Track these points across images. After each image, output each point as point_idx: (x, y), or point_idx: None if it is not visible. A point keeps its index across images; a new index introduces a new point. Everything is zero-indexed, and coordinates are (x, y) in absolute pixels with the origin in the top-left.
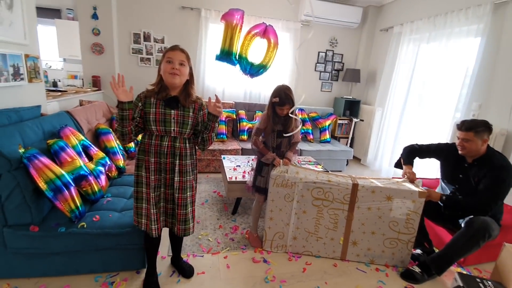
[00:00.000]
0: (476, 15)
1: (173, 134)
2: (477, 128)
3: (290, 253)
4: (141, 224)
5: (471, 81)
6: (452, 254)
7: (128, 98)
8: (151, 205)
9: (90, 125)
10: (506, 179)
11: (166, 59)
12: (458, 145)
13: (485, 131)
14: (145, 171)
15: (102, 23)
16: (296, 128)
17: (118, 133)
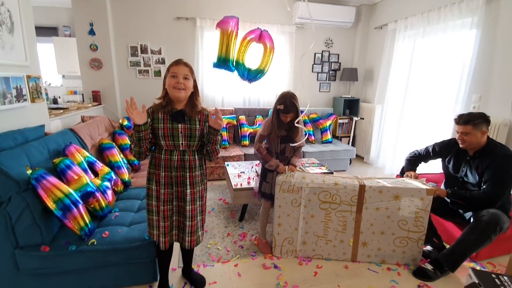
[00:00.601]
0: (469, 8)
1: (182, 148)
2: (475, 120)
3: (300, 257)
4: (153, 236)
5: (469, 74)
6: (464, 249)
7: (143, 120)
8: (161, 218)
9: (94, 141)
10: (510, 168)
11: (171, 73)
12: (458, 139)
13: (483, 123)
14: (156, 184)
15: (99, 38)
16: (302, 136)
17: (134, 153)
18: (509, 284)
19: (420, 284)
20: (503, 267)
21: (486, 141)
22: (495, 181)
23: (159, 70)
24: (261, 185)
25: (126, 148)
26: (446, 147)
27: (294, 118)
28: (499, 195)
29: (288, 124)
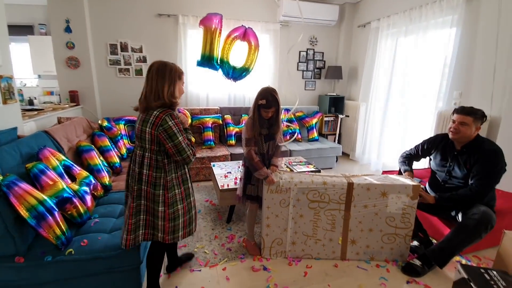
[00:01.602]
0: (450, 6)
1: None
2: (476, 114)
3: (290, 258)
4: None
5: (450, 71)
6: (454, 247)
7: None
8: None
9: (71, 143)
10: (498, 163)
11: (182, 81)
12: (453, 128)
13: (481, 119)
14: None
15: (76, 36)
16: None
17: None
18: (499, 278)
19: (409, 280)
20: (488, 260)
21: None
22: (482, 176)
23: (140, 68)
24: (246, 188)
25: (107, 150)
26: (433, 143)
27: (275, 113)
28: (487, 190)
29: (268, 120)
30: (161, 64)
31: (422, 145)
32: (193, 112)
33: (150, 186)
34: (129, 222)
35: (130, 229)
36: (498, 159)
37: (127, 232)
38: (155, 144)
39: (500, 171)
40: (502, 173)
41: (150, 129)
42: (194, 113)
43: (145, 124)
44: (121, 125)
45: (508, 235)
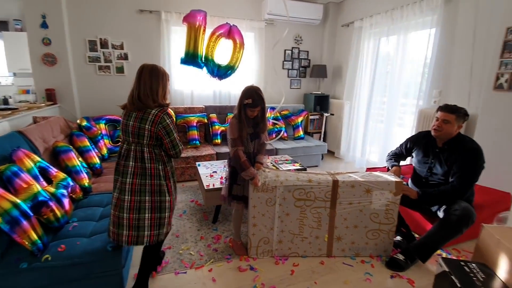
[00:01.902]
0: (429, 7)
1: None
2: (459, 112)
3: (276, 257)
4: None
5: (430, 70)
6: (436, 242)
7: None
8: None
9: (47, 144)
10: (478, 161)
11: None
12: (436, 125)
13: (463, 117)
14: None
15: (53, 32)
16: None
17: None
18: (478, 271)
19: (393, 274)
20: (466, 253)
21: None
22: (463, 174)
23: (121, 66)
24: (232, 188)
25: (86, 150)
26: (415, 140)
27: (261, 111)
28: (467, 187)
29: (254, 119)
30: (154, 67)
31: (406, 144)
32: (177, 111)
33: (154, 179)
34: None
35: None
36: (478, 158)
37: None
38: (153, 139)
39: (479, 169)
40: (481, 170)
41: (150, 126)
42: (179, 111)
43: (144, 122)
44: (101, 124)
45: (486, 229)
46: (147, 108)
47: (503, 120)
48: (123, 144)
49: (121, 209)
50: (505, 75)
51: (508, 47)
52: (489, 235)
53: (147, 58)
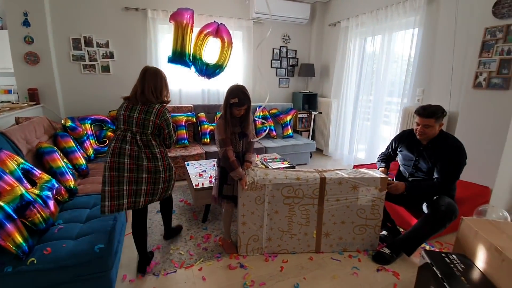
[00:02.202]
0: (412, 8)
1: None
2: (437, 114)
3: (266, 254)
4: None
5: (414, 69)
6: (421, 236)
7: None
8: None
9: (30, 145)
10: (461, 158)
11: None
12: (419, 131)
13: (442, 116)
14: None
15: (35, 30)
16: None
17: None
18: (458, 261)
19: (379, 268)
20: (448, 245)
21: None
22: (447, 170)
23: (107, 65)
24: (222, 188)
25: (71, 151)
26: (400, 139)
27: (247, 110)
28: (451, 183)
29: (240, 118)
30: (158, 70)
31: (392, 144)
32: None
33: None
34: (148, 188)
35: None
36: (461, 155)
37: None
38: (156, 129)
39: (462, 166)
40: (463, 166)
41: (154, 118)
42: None
43: (149, 114)
44: (87, 124)
45: (465, 221)
46: (151, 103)
47: (481, 117)
48: (123, 132)
49: (138, 183)
50: (484, 73)
51: (486, 47)
52: (468, 227)
53: (134, 56)
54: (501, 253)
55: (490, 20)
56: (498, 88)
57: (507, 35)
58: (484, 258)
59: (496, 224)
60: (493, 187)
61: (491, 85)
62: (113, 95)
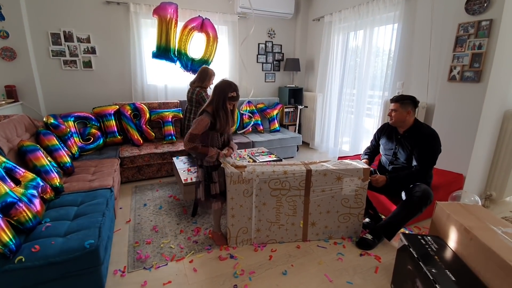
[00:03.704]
0: (392, 3)
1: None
2: (403, 100)
3: (255, 244)
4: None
5: (394, 63)
6: (399, 221)
7: None
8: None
9: (11, 144)
10: (435, 145)
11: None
12: (388, 115)
13: (410, 104)
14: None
15: (10, 23)
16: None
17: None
18: (432, 242)
19: (362, 253)
20: (426, 229)
21: (413, 122)
22: (423, 159)
23: (89, 60)
24: (209, 189)
25: (55, 149)
26: (381, 131)
27: (234, 105)
28: (427, 170)
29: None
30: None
31: (375, 137)
32: (152, 106)
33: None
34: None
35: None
36: (435, 142)
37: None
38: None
39: (437, 152)
40: (439, 153)
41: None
42: (153, 107)
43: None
44: (70, 122)
45: (439, 205)
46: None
47: (455, 108)
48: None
49: None
50: (457, 67)
51: (459, 41)
52: (441, 210)
53: (117, 52)
54: (469, 232)
55: (463, 16)
56: (470, 81)
57: (478, 31)
58: (455, 238)
59: (466, 207)
60: (466, 174)
61: (464, 78)
62: (97, 92)
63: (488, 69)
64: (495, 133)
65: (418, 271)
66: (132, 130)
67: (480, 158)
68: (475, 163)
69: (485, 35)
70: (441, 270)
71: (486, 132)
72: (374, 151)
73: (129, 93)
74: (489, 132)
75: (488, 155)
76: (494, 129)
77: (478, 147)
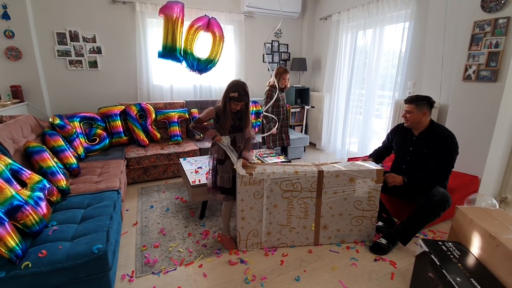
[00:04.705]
0: (403, 1)
1: None
2: (418, 101)
3: (266, 248)
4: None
5: (405, 62)
6: (416, 226)
7: None
8: None
9: (17, 145)
10: (453, 148)
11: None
12: (403, 116)
13: (425, 104)
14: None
15: (16, 23)
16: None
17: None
18: (454, 249)
19: (377, 258)
20: (441, 233)
21: (429, 123)
22: (441, 161)
23: (94, 60)
24: (216, 179)
25: (61, 150)
26: (395, 132)
27: (245, 107)
28: (447, 173)
29: (236, 113)
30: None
31: (388, 137)
32: (157, 107)
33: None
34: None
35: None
36: (453, 144)
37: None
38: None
39: (454, 154)
40: (456, 155)
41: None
42: (158, 107)
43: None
44: (75, 122)
45: (460, 210)
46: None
47: (470, 109)
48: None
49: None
50: (473, 66)
51: (475, 40)
52: (462, 215)
53: (122, 52)
54: (495, 239)
55: (478, 14)
56: (486, 81)
57: (495, 29)
58: (478, 244)
59: (489, 211)
60: (482, 177)
61: (480, 78)
62: (102, 92)
63: (505, 68)
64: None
65: (441, 279)
66: (138, 131)
67: (495, 159)
68: (491, 165)
69: (502, 33)
70: (466, 279)
71: (503, 132)
72: (384, 152)
73: (135, 93)
74: (506, 133)
75: (504, 157)
76: (510, 130)
77: (494, 148)
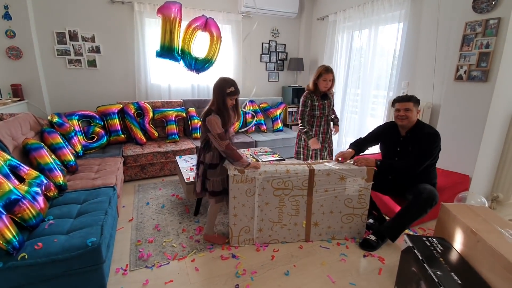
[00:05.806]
0: (398, 2)
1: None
2: (414, 98)
3: (257, 244)
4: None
5: (399, 62)
6: (404, 222)
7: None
8: None
9: (16, 142)
10: (434, 143)
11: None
12: (400, 115)
13: (418, 103)
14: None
15: (17, 23)
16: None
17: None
18: (437, 244)
19: (365, 254)
20: (430, 231)
21: (416, 121)
22: (418, 153)
23: (93, 59)
24: (205, 184)
25: (59, 148)
26: (382, 130)
27: (236, 100)
28: (419, 165)
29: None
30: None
31: (372, 132)
32: (155, 105)
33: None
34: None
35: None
36: (435, 140)
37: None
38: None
39: (433, 150)
40: (435, 152)
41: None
42: (156, 106)
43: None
44: (74, 120)
45: (444, 207)
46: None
47: (462, 108)
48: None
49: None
50: (464, 67)
51: (466, 40)
52: (447, 212)
53: (121, 51)
54: (476, 235)
55: (470, 15)
56: (477, 81)
57: (486, 29)
58: (461, 240)
59: (473, 209)
60: (472, 175)
61: (471, 78)
62: (101, 91)
63: (495, 68)
64: (502, 133)
65: (423, 273)
66: (136, 129)
67: (486, 159)
68: (481, 164)
69: (493, 34)
70: (447, 273)
71: (493, 132)
72: (365, 142)
73: (133, 92)
74: (496, 133)
75: (495, 156)
76: (501, 130)
77: (485, 147)
